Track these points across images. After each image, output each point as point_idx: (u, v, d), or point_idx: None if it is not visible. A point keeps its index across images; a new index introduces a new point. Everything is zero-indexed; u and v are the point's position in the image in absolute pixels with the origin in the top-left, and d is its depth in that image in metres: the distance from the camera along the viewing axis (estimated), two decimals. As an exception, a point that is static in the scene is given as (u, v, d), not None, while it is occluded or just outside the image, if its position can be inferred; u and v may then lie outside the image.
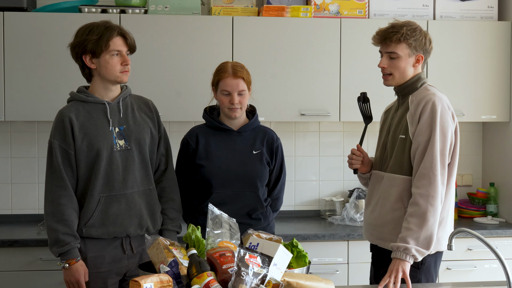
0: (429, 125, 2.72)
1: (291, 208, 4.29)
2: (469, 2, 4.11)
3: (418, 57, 2.82)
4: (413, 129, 2.76)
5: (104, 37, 2.78)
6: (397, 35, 2.77)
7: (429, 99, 2.75)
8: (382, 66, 2.86)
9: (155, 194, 2.95)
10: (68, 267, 2.77)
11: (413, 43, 2.78)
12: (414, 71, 2.85)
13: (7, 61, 3.69)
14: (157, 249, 2.31)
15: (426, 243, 2.67)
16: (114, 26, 2.83)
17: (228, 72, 3.02)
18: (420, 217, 2.66)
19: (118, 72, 2.82)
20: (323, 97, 3.92)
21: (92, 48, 2.79)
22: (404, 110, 2.84)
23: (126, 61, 2.83)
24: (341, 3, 4.00)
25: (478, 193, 4.32)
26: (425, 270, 2.79)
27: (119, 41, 2.82)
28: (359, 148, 2.97)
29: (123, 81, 2.86)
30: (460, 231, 2.30)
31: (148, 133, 2.93)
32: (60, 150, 2.80)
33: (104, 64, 2.81)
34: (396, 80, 2.85)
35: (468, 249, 3.84)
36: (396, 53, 2.79)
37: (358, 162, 2.97)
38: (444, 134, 2.73)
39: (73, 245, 2.77)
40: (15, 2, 3.70)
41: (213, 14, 3.92)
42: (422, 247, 2.66)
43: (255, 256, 2.08)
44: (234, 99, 3.00)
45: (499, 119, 4.10)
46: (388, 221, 2.81)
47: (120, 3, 3.85)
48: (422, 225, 2.66)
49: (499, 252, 2.19)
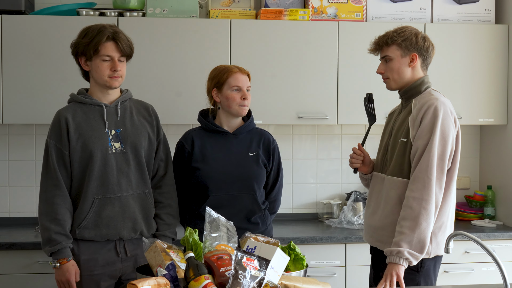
0: (430, 129, 2.72)
1: (289, 211, 4.29)
2: (467, 5, 4.12)
3: (412, 56, 2.83)
4: (414, 132, 2.77)
5: (93, 42, 2.78)
6: (385, 38, 2.85)
7: (432, 104, 2.75)
8: (379, 72, 2.91)
9: (150, 198, 2.95)
10: (59, 266, 2.77)
11: (402, 43, 2.82)
12: (413, 72, 2.86)
13: (5, 63, 3.69)
14: (155, 252, 2.31)
15: (420, 247, 2.67)
16: (107, 30, 2.81)
17: (235, 69, 3.05)
18: (413, 220, 2.67)
19: (106, 77, 2.82)
20: (321, 100, 3.93)
21: (84, 51, 2.81)
22: (407, 114, 2.85)
23: (115, 67, 2.81)
24: (339, 6, 4.00)
25: (476, 196, 4.32)
26: (424, 273, 2.79)
27: (110, 46, 2.81)
28: (360, 148, 2.99)
29: (112, 86, 2.85)
30: (457, 234, 2.30)
31: (145, 138, 2.93)
32: (55, 150, 2.81)
33: (95, 68, 2.82)
34: (395, 82, 2.87)
35: (465, 252, 3.84)
36: (389, 55, 2.85)
37: (358, 161, 2.98)
38: (444, 138, 2.72)
39: (64, 244, 2.77)
40: (13, 5, 3.70)
41: (211, 17, 3.92)
42: (415, 251, 2.67)
43: (252, 259, 2.08)
44: (246, 94, 3.02)
45: (497, 122, 4.11)
46: (388, 223, 2.82)
47: (118, 6, 3.85)
48: (414, 228, 2.66)
49: (496, 255, 2.19)
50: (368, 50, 2.94)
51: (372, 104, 3.03)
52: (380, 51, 2.89)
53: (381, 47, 2.87)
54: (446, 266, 3.81)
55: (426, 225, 2.67)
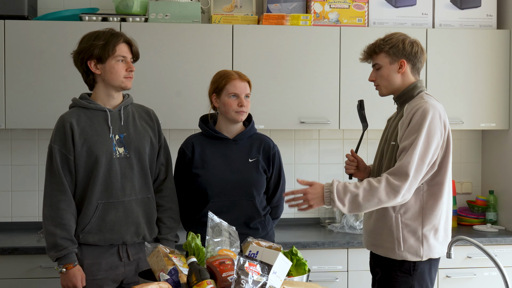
0: (416, 130, 2.71)
1: (291, 216, 4.29)
2: (468, 10, 4.13)
3: (400, 62, 2.84)
4: (401, 134, 2.78)
5: (110, 43, 2.82)
6: (373, 47, 2.89)
7: (421, 106, 2.76)
8: (370, 80, 2.95)
9: (153, 203, 2.96)
10: (65, 271, 2.77)
11: (390, 50, 2.84)
12: (403, 78, 2.86)
13: (8, 69, 3.70)
14: (157, 257, 2.31)
15: (350, 207, 2.67)
16: (120, 33, 2.90)
17: (235, 75, 3.06)
18: (372, 191, 2.65)
19: (122, 77, 2.86)
20: (323, 105, 3.93)
21: (99, 53, 2.82)
22: (399, 118, 2.86)
23: (131, 68, 2.88)
24: (341, 12, 4.01)
25: (478, 200, 4.32)
26: (418, 276, 2.79)
27: (124, 48, 2.87)
28: (353, 154, 3.03)
29: (127, 87, 2.89)
30: (459, 239, 2.30)
31: (148, 142, 2.94)
32: (60, 155, 2.81)
33: (110, 69, 2.84)
34: (385, 88, 2.90)
35: (467, 257, 3.84)
36: (378, 63, 2.88)
37: (352, 167, 3.02)
38: (428, 140, 2.71)
39: (70, 249, 2.78)
40: (16, 10, 3.72)
41: (213, 23, 3.93)
42: (341, 202, 2.67)
43: (254, 264, 2.08)
44: (243, 101, 3.02)
45: (498, 127, 4.11)
46: (382, 227, 2.83)
47: (120, 11, 3.86)
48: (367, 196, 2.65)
49: (498, 260, 2.19)
50: (360, 59, 2.98)
51: (364, 111, 3.08)
52: (371, 59, 2.92)
53: (371, 56, 2.90)
54: (448, 271, 3.81)
55: (370, 205, 2.66)
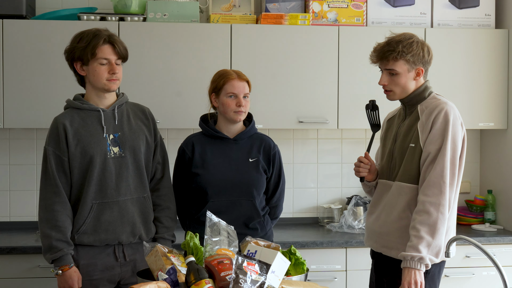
0: (441, 134, 2.72)
1: (289, 215, 4.29)
2: (467, 10, 4.13)
3: (418, 70, 2.81)
4: (424, 137, 2.76)
5: (90, 45, 2.79)
6: (393, 53, 2.76)
7: (442, 108, 2.75)
8: (382, 84, 2.85)
9: (149, 202, 2.95)
10: (61, 273, 2.76)
11: (411, 58, 2.76)
12: (417, 84, 2.84)
13: (6, 68, 3.69)
14: (155, 256, 2.31)
15: (436, 252, 2.68)
16: (103, 34, 2.82)
17: (233, 75, 3.05)
18: (431, 226, 2.66)
19: (104, 80, 2.82)
20: (322, 104, 3.93)
21: (80, 55, 2.81)
22: (414, 119, 2.83)
23: (113, 70, 2.82)
24: (339, 11, 4.01)
25: (476, 200, 4.32)
26: (429, 279, 2.79)
27: (107, 49, 2.82)
28: (367, 156, 2.93)
29: (110, 89, 2.86)
30: (458, 239, 2.30)
31: (143, 141, 2.93)
32: (54, 157, 2.81)
33: (92, 72, 2.82)
34: (398, 95, 2.86)
35: (466, 256, 3.84)
36: (395, 70, 2.79)
37: (365, 170, 2.92)
38: (454, 143, 2.73)
39: (66, 251, 2.77)
40: (14, 10, 3.71)
41: (212, 22, 3.93)
42: (433, 255, 2.67)
43: (253, 264, 2.08)
44: (241, 101, 3.01)
45: (497, 126, 4.11)
46: (395, 229, 2.81)
47: (119, 10, 3.86)
48: (433, 233, 2.66)
49: (496, 259, 2.19)
50: (371, 60, 2.87)
51: (376, 111, 2.97)
52: (384, 62, 2.81)
53: (388, 60, 2.78)
54: (447, 271, 3.79)
55: (443, 230, 2.68)
